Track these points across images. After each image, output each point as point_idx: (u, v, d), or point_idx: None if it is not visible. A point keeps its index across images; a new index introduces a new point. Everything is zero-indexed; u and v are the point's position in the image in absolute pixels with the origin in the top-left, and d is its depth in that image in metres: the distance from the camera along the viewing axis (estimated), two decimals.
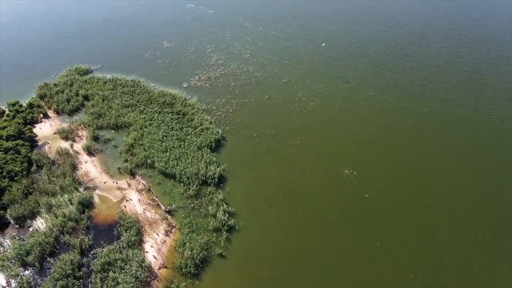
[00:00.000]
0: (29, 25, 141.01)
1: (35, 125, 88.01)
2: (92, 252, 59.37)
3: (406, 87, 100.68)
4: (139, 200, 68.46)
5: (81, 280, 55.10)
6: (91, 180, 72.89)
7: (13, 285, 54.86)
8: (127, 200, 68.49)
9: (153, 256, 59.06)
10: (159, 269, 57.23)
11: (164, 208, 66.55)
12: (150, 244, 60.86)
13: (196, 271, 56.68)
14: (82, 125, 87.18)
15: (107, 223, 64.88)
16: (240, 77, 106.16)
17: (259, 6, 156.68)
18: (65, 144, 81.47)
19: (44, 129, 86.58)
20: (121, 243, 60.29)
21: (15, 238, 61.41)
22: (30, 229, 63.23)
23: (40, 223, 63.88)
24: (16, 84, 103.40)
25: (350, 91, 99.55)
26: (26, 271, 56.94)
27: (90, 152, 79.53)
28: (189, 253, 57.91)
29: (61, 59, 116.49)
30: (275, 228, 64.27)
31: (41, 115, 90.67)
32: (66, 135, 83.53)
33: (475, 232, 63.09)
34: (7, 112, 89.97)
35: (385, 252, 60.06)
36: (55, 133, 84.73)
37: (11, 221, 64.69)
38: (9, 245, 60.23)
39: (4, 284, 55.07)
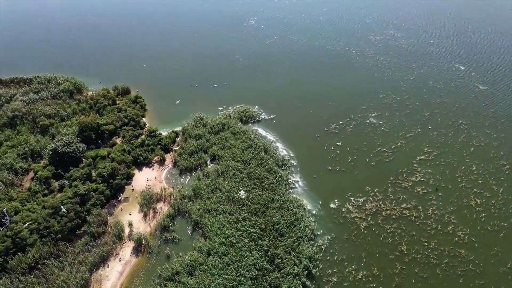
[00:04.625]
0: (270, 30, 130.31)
1: (144, 168, 74.99)
2: None
3: None
4: None
5: None
6: None
7: None
8: None
9: None
10: None
11: None
12: None
13: None
14: (172, 198, 67.59)
15: None
16: (427, 242, 59.06)
17: None
18: (133, 217, 64.41)
19: (142, 180, 72.25)
20: None
21: None
22: None
23: None
24: (188, 103, 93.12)
25: None
26: None
27: (139, 246, 59.37)
28: None
29: (249, 87, 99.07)
30: None
31: (158, 158, 76.59)
32: (145, 203, 66.04)
33: None
34: (139, 139, 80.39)
35: None
36: (142, 191, 68.75)
37: None
38: None
39: None
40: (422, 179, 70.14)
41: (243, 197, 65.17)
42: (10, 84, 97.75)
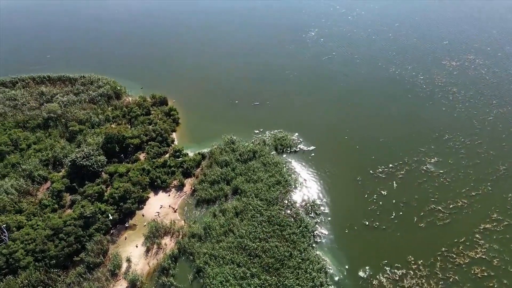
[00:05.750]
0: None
1: (160, 192, 69.14)
2: None
3: None
4: None
5: None
6: None
7: None
8: None
9: None
10: None
11: None
12: None
13: None
14: (180, 233, 60.74)
15: None
16: None
17: None
18: (135, 251, 58.62)
19: (156, 205, 66.41)
20: None
21: None
22: None
23: None
24: (224, 120, 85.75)
25: None
26: None
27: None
28: None
29: (293, 110, 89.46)
30: None
31: (177, 183, 70.32)
32: (149, 236, 59.96)
33: None
34: (162, 158, 74.98)
35: None
36: (152, 220, 62.79)
37: None
38: None
39: None
40: (484, 257, 55.70)
41: None
42: (57, 82, 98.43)
